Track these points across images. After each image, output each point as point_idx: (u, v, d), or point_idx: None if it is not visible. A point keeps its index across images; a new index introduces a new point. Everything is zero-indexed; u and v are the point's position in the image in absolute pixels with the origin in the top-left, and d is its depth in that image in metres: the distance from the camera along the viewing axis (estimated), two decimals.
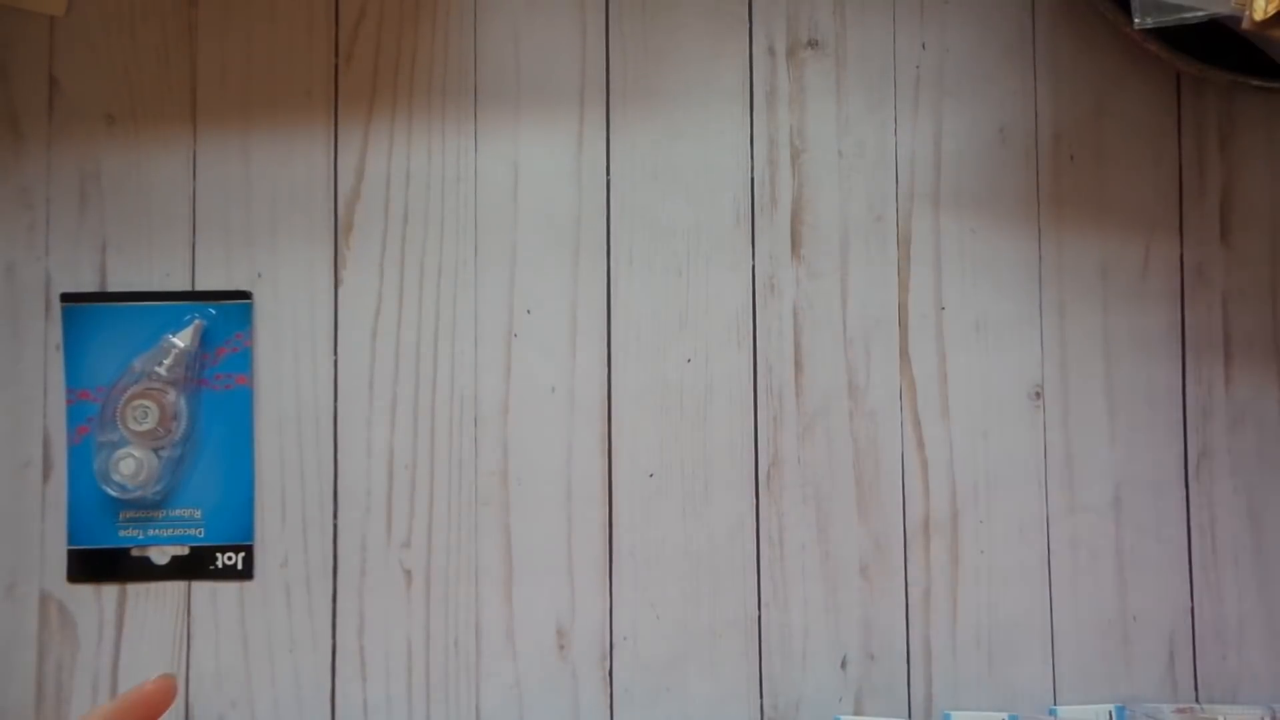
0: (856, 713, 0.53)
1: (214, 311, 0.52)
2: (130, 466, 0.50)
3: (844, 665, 0.53)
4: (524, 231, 0.53)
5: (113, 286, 0.52)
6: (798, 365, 0.54)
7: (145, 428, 0.50)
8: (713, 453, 0.53)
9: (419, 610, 0.52)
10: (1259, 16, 0.42)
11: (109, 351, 0.52)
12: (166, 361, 0.51)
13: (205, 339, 0.52)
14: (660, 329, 0.53)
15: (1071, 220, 0.55)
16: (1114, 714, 0.52)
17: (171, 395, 0.51)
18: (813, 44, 0.54)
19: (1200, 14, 0.44)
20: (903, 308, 0.54)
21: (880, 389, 0.54)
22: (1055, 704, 0.53)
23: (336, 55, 0.53)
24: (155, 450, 0.51)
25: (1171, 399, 0.54)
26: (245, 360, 0.52)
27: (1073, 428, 0.54)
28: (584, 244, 0.53)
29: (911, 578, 0.53)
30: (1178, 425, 0.54)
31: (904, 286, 0.54)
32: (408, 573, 0.52)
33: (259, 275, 0.53)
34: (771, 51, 0.54)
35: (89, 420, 0.51)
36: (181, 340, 0.51)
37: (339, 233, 0.53)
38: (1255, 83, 0.50)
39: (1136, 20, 0.45)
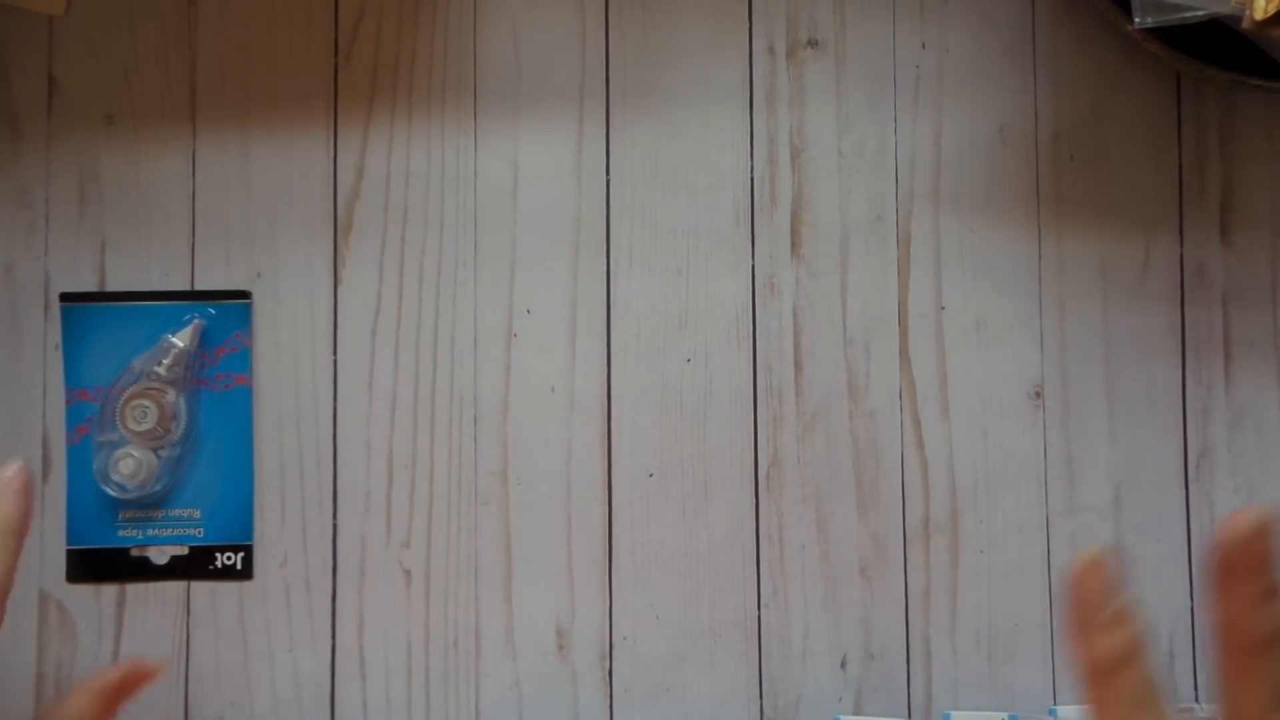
0: (856, 712, 0.53)
1: (213, 311, 0.52)
2: (129, 466, 0.50)
3: (844, 665, 0.53)
4: (524, 231, 0.53)
5: (112, 286, 0.52)
6: (798, 365, 0.54)
7: (144, 427, 0.50)
8: (712, 452, 0.53)
9: (419, 610, 0.52)
10: (1259, 16, 0.42)
11: (108, 351, 0.52)
12: (166, 361, 0.51)
13: (205, 339, 0.52)
14: (660, 329, 0.53)
15: (1071, 220, 0.55)
16: None
17: (171, 395, 0.51)
18: (813, 43, 0.54)
19: (1200, 14, 0.44)
20: (903, 307, 0.54)
21: (880, 389, 0.54)
22: (1055, 704, 0.53)
23: (336, 54, 0.53)
24: (154, 450, 0.51)
25: (1171, 399, 0.54)
26: (245, 360, 0.52)
27: (1073, 427, 0.54)
28: (584, 243, 0.53)
29: (911, 577, 0.53)
30: (1178, 425, 0.54)
31: (904, 286, 0.54)
32: (407, 572, 0.52)
33: (258, 275, 0.53)
34: (771, 51, 0.54)
35: (88, 420, 0.51)
36: (181, 340, 0.51)
37: (338, 232, 0.53)
38: (1255, 83, 0.50)
39: (1136, 20, 0.45)
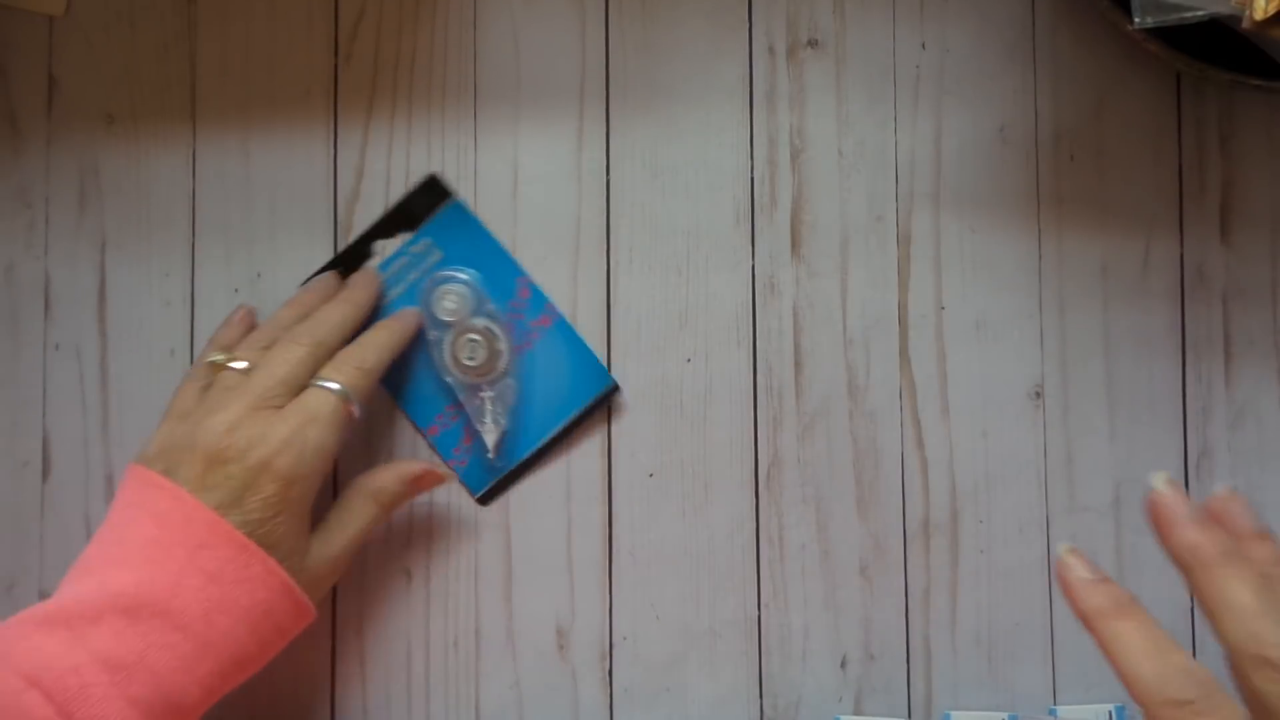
0: (856, 713, 0.53)
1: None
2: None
3: (844, 665, 0.53)
4: (524, 231, 0.53)
5: (111, 285, 0.52)
6: (798, 365, 0.54)
7: (475, 363, 0.51)
8: (712, 452, 0.53)
9: (419, 610, 0.52)
10: (1259, 16, 0.42)
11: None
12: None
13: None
14: (660, 328, 0.53)
15: (1071, 219, 0.55)
16: (1114, 714, 0.52)
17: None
18: (813, 43, 0.54)
19: (1200, 14, 0.44)
20: (903, 307, 0.54)
21: (880, 389, 0.54)
22: (1055, 704, 0.53)
23: (336, 54, 0.53)
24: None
25: (1171, 398, 0.54)
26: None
27: (1073, 427, 0.54)
28: (583, 243, 0.53)
29: (911, 577, 0.53)
30: (1178, 424, 0.54)
31: (904, 286, 0.54)
32: (407, 572, 0.52)
33: (258, 275, 0.53)
34: (771, 51, 0.54)
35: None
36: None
37: (339, 232, 0.53)
38: (1255, 82, 0.50)
39: (1136, 20, 0.45)
